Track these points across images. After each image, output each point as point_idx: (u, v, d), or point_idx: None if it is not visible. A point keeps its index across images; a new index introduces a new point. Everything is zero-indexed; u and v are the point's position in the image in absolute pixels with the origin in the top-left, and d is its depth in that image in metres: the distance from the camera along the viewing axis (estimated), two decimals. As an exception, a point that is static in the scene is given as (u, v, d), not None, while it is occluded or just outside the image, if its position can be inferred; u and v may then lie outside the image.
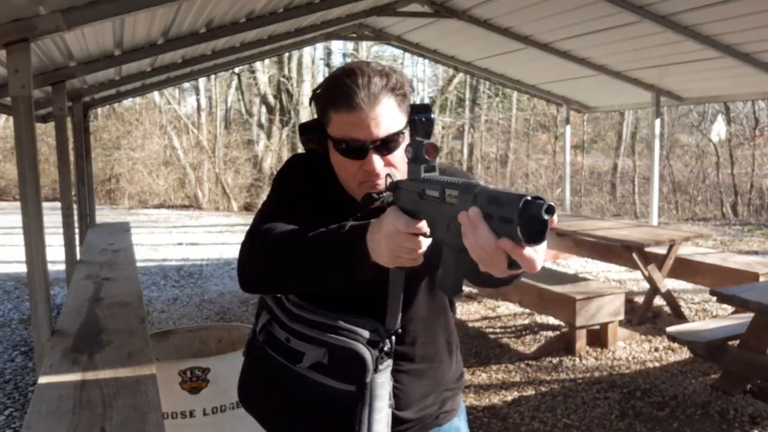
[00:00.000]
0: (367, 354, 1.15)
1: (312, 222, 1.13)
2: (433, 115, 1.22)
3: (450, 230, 0.89)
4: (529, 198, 0.75)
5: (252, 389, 1.34)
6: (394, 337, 1.18)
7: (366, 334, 1.16)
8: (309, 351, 1.17)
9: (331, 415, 1.18)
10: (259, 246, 1.18)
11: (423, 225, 0.97)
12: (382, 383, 1.17)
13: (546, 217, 0.74)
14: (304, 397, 1.20)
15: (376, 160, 1.14)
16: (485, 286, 1.14)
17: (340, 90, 1.13)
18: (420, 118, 1.20)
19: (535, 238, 0.76)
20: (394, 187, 1.04)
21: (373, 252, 1.01)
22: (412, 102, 1.21)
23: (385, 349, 1.17)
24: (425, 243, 0.98)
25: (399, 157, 1.15)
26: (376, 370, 1.16)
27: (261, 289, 1.25)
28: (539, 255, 0.79)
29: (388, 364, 1.18)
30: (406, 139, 1.18)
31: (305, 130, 1.22)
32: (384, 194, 1.06)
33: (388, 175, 1.10)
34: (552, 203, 0.74)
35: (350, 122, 1.13)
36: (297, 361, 1.19)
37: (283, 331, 1.23)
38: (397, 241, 0.97)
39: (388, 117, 1.14)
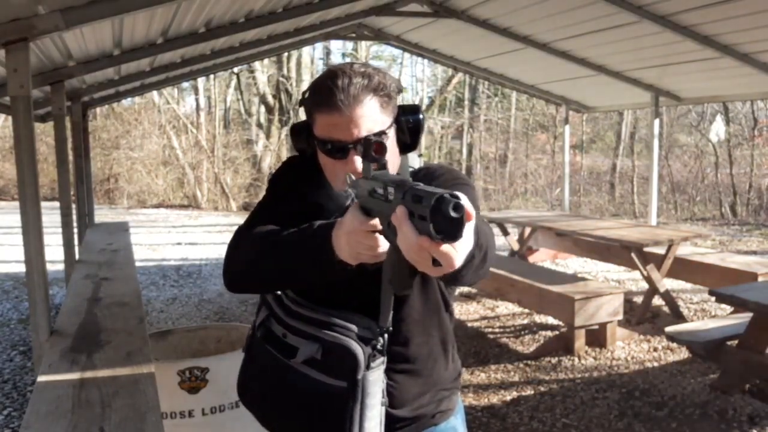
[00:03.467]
0: (359, 350, 1.16)
1: (302, 223, 1.15)
2: (421, 116, 1.23)
3: (390, 228, 0.91)
4: (443, 195, 0.76)
5: (250, 384, 1.36)
6: (386, 335, 1.19)
7: (357, 330, 1.18)
8: (303, 346, 1.20)
9: (324, 411, 1.19)
10: (240, 246, 1.22)
11: (376, 222, 0.98)
12: (374, 381, 1.18)
13: (454, 214, 0.76)
14: (298, 392, 1.22)
15: (358, 160, 1.15)
16: (448, 283, 1.15)
17: (322, 92, 1.16)
18: (407, 118, 1.21)
19: (450, 235, 0.77)
20: (354, 185, 1.06)
21: (337, 250, 1.03)
22: (401, 102, 1.22)
23: (378, 346, 1.18)
24: (384, 240, 0.99)
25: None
26: (368, 367, 1.17)
27: (243, 288, 1.28)
28: (458, 252, 0.79)
29: (381, 361, 1.19)
30: (390, 139, 1.19)
31: (295, 131, 1.25)
32: (350, 191, 1.08)
33: (348, 174, 1.11)
34: (461, 202, 0.76)
35: (332, 123, 1.15)
36: (292, 356, 1.21)
37: (280, 327, 1.26)
38: (354, 238, 0.99)
39: (369, 118, 1.15)
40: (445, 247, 0.78)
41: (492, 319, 5.28)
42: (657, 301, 5.25)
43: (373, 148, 1.01)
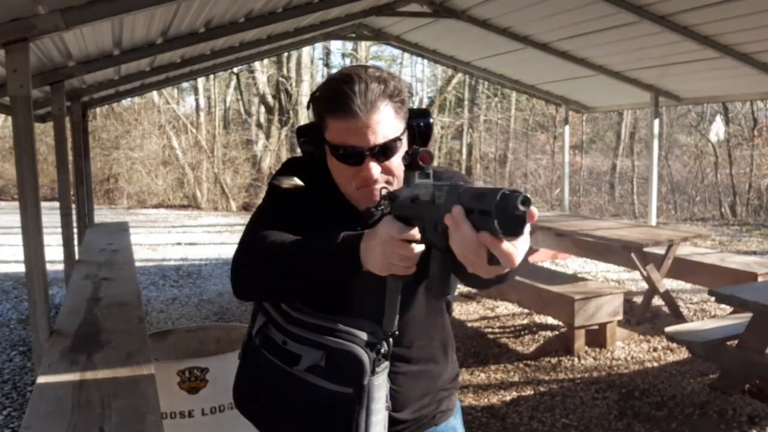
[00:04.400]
0: (365, 356, 1.15)
1: (306, 227, 1.14)
2: (431, 120, 1.22)
3: (438, 231, 0.91)
4: (507, 191, 0.77)
5: (248, 392, 1.34)
6: (391, 340, 1.18)
7: (364, 336, 1.16)
8: (306, 353, 1.17)
9: (328, 418, 1.18)
10: (251, 256, 1.19)
11: (415, 231, 0.98)
12: (379, 385, 1.17)
13: (522, 208, 0.76)
14: (301, 399, 1.20)
15: (374, 166, 1.14)
16: (476, 287, 1.14)
17: (337, 96, 1.13)
18: (418, 123, 1.20)
19: (513, 231, 0.77)
20: (391, 197, 1.05)
21: (366, 261, 1.02)
22: (410, 107, 1.21)
23: (382, 351, 1.17)
24: (418, 250, 0.99)
25: (397, 163, 1.15)
26: (373, 372, 1.16)
27: (254, 298, 1.28)
28: (518, 250, 0.79)
29: (385, 366, 1.18)
30: (404, 145, 1.18)
31: (303, 133, 1.22)
32: (382, 204, 1.07)
33: (383, 187, 1.11)
34: (528, 195, 0.76)
35: (347, 129, 1.13)
36: (294, 363, 1.19)
37: (280, 334, 1.23)
38: (390, 248, 0.98)
39: (385, 124, 1.14)
40: (506, 245, 0.78)
41: (492, 320, 5.28)
42: (657, 301, 5.26)
43: (420, 157, 1.01)
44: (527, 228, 0.78)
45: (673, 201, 14.62)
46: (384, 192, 1.07)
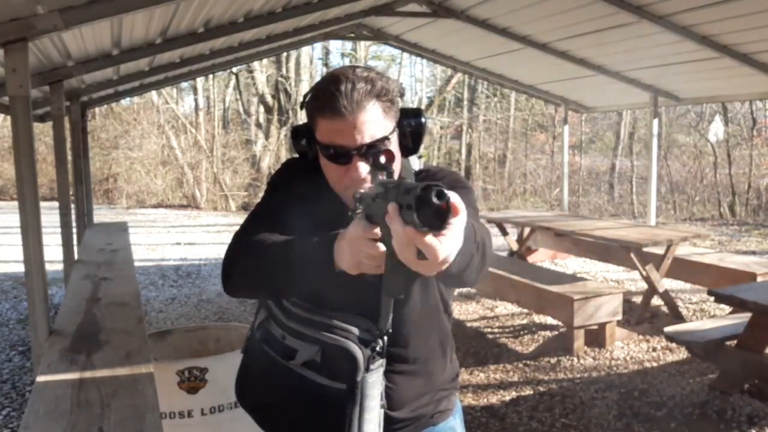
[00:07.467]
0: (359, 353, 1.16)
1: (302, 226, 1.15)
2: (423, 119, 1.23)
3: (386, 229, 0.91)
4: (430, 184, 0.77)
5: (248, 385, 1.37)
6: (386, 337, 1.19)
7: (358, 333, 1.17)
8: (302, 348, 1.20)
9: (323, 413, 1.20)
10: (239, 252, 1.22)
11: (378, 230, 0.98)
12: (374, 383, 1.18)
13: (436, 201, 0.76)
14: (297, 394, 1.22)
15: (361, 166, 1.15)
16: (446, 284, 1.19)
17: (325, 97, 1.15)
18: (409, 122, 1.21)
19: (433, 225, 0.77)
20: (360, 199, 1.06)
21: (339, 260, 1.03)
22: (403, 106, 1.22)
23: (377, 348, 1.18)
24: (383, 248, 0.99)
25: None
26: (367, 369, 1.17)
27: (243, 294, 1.29)
28: (443, 245, 0.78)
29: (380, 364, 1.19)
30: (393, 144, 1.19)
31: (297, 134, 1.24)
32: (358, 208, 1.07)
33: (356, 191, 1.11)
34: (443, 188, 0.76)
35: (335, 129, 1.15)
36: (291, 358, 1.21)
37: (279, 329, 1.25)
38: (357, 247, 0.99)
39: (372, 123, 1.14)
40: (429, 238, 0.78)
41: (491, 320, 5.28)
42: (656, 301, 5.26)
43: (382, 156, 1.02)
44: (455, 225, 0.78)
45: (672, 201, 14.60)
46: (357, 195, 1.07)
